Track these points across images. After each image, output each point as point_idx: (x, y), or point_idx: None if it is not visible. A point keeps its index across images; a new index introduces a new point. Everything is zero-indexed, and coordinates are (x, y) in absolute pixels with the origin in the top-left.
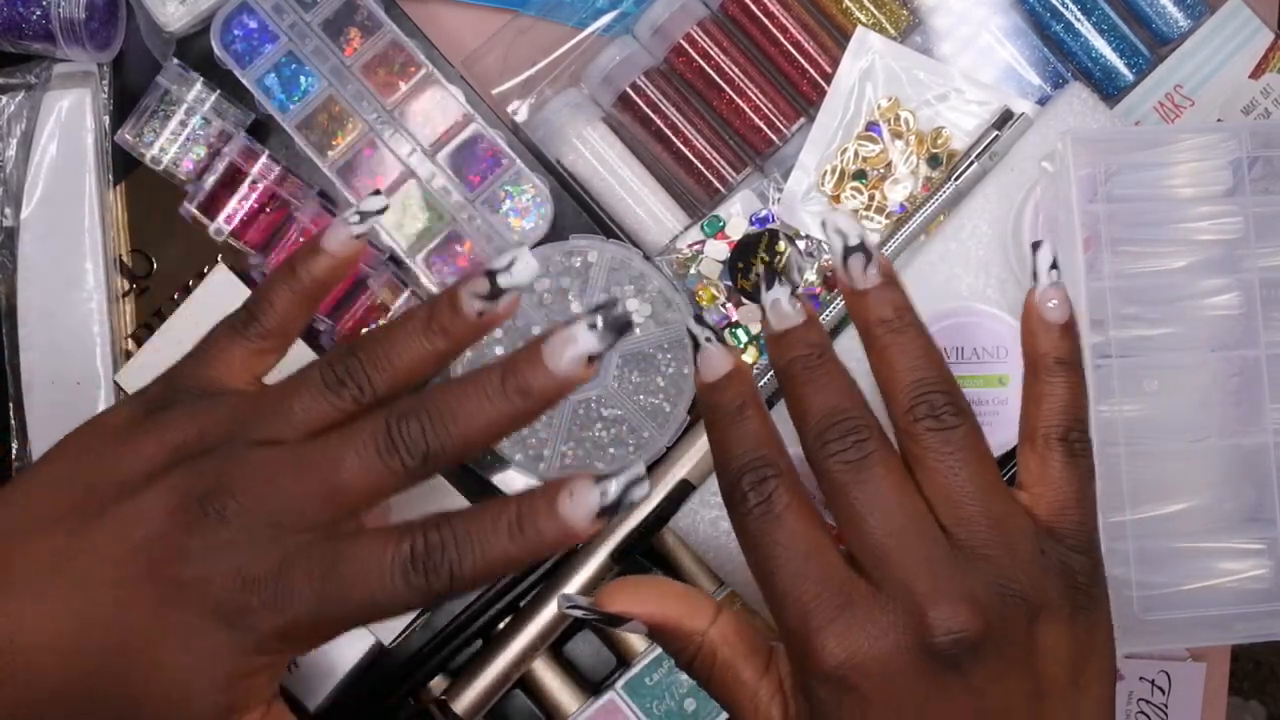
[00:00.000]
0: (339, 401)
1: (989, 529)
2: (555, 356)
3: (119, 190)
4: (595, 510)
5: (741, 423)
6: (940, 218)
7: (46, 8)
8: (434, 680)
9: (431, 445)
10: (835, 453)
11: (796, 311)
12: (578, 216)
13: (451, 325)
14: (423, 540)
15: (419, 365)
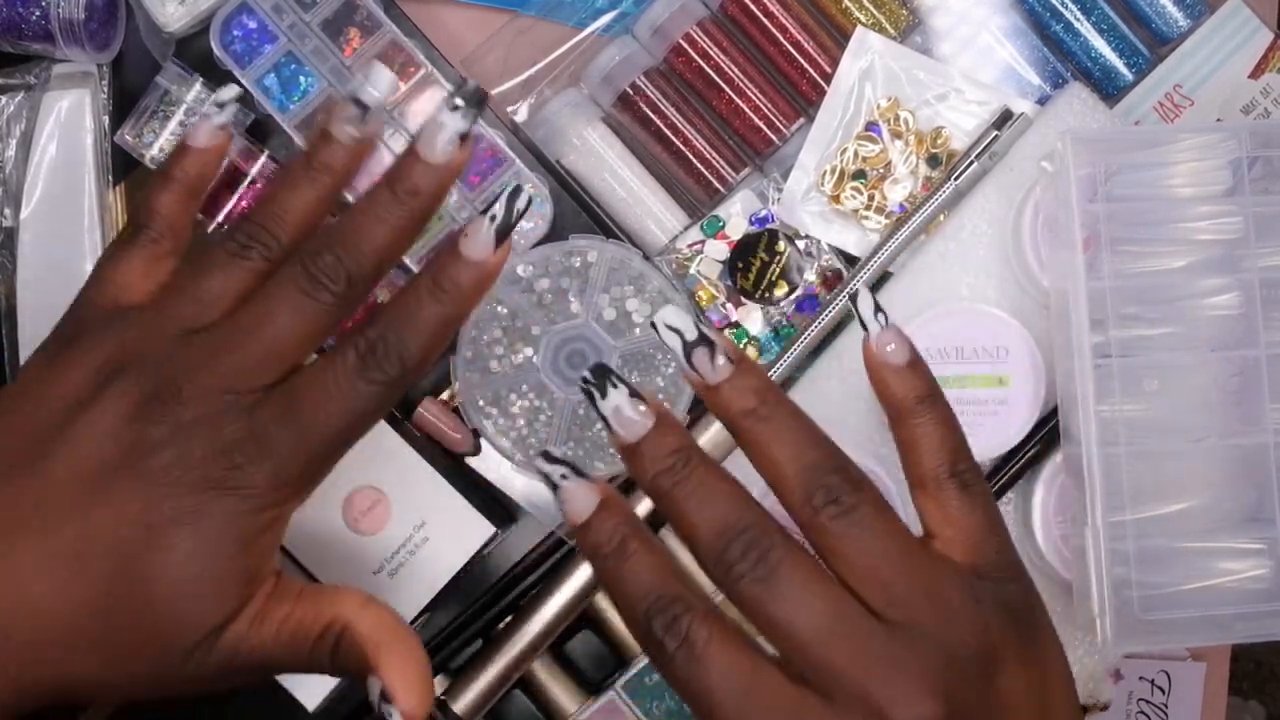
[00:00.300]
0: (249, 264)
1: (921, 598)
2: (428, 147)
3: (119, 190)
4: (492, 235)
5: (627, 560)
6: (940, 218)
7: (46, 8)
8: (434, 680)
9: (350, 267)
10: (742, 575)
11: (644, 416)
12: (577, 216)
13: (331, 158)
14: (363, 340)
15: (313, 208)
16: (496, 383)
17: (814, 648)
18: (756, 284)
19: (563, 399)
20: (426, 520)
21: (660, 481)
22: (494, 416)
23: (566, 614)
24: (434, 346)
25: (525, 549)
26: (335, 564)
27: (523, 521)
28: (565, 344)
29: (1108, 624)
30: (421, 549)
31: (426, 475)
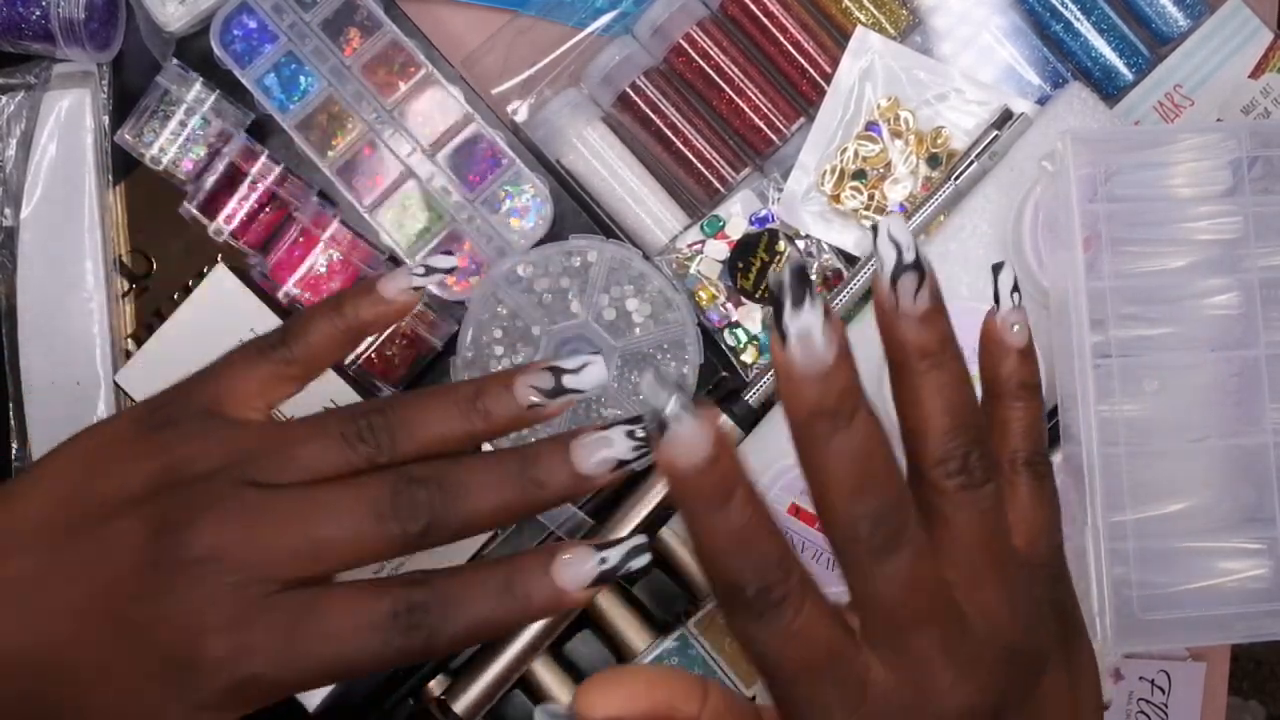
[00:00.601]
0: (353, 456)
1: (999, 592)
2: (583, 456)
3: (119, 190)
4: (591, 578)
5: (730, 514)
6: (940, 218)
7: (46, 8)
8: (434, 680)
9: (436, 516)
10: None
11: (829, 348)
12: (577, 216)
13: (496, 408)
14: (405, 599)
15: (449, 441)
16: None
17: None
18: (756, 284)
19: None
20: None
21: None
22: None
23: (567, 614)
24: (469, 641)
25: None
26: None
27: (522, 521)
28: (565, 344)
29: (1108, 624)
30: None
31: None
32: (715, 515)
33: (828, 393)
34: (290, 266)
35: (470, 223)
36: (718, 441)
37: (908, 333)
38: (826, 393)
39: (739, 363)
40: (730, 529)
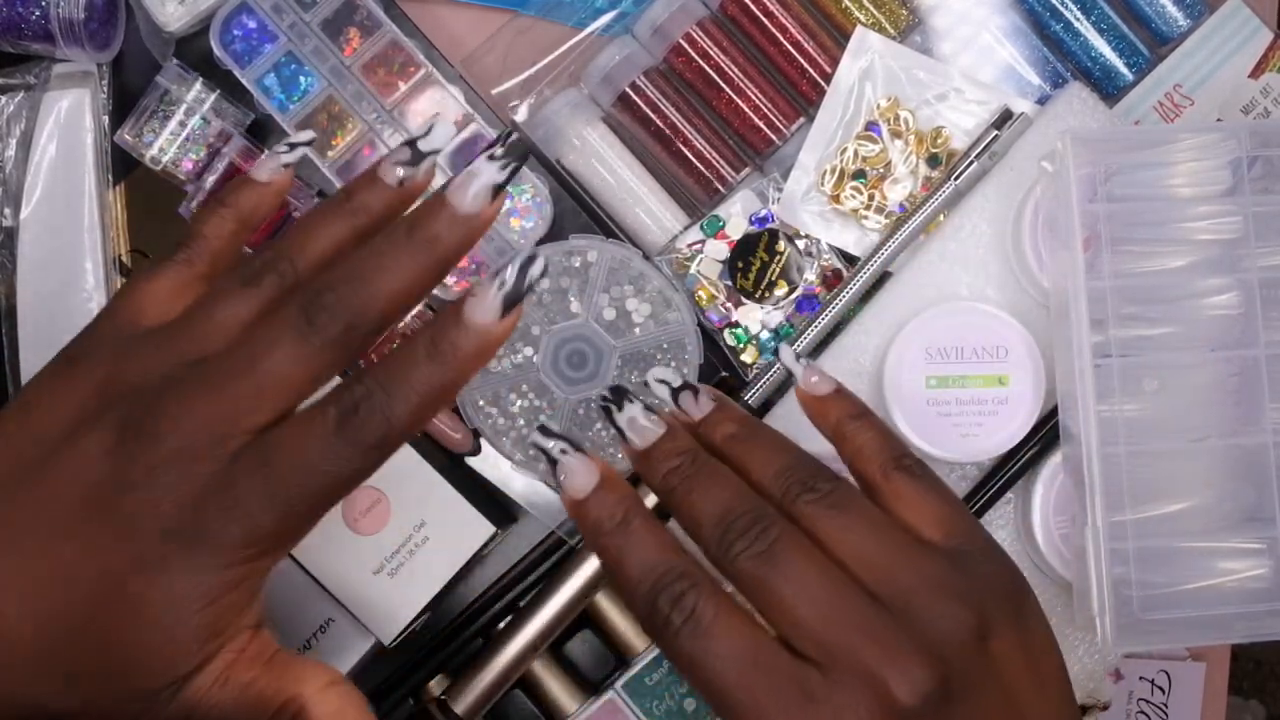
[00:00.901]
0: (261, 294)
1: (906, 572)
2: (459, 195)
3: (119, 190)
4: (499, 302)
5: (630, 535)
6: (940, 217)
7: (46, 8)
8: (434, 680)
9: (350, 311)
10: (741, 551)
11: (656, 424)
12: (577, 216)
13: (370, 198)
14: (349, 396)
15: (338, 246)
16: (496, 382)
17: (811, 620)
18: (756, 284)
19: (563, 399)
20: (426, 520)
21: (670, 479)
22: (494, 416)
23: (566, 614)
24: (424, 412)
25: (525, 549)
26: (335, 564)
27: (523, 521)
28: (565, 344)
29: (1108, 624)
30: (421, 549)
31: (426, 475)
32: (616, 539)
33: (668, 453)
34: None
35: None
36: (603, 473)
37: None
38: (667, 454)
39: (739, 362)
40: (633, 549)
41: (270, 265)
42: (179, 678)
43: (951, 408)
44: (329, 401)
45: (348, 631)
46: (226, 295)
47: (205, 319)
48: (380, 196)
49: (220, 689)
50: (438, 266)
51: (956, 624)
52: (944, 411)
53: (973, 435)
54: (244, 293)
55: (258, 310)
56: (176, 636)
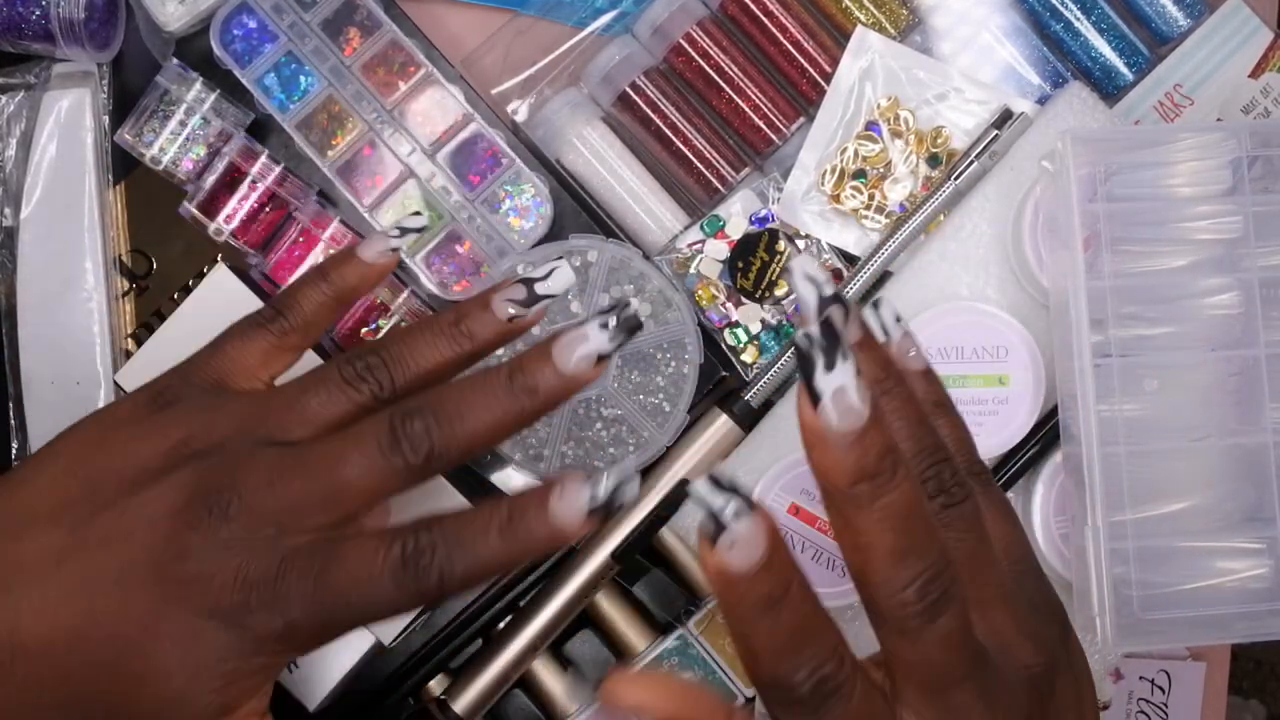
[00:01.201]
0: (357, 397)
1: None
2: (565, 355)
3: (119, 190)
4: (585, 510)
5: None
6: (940, 217)
7: (46, 8)
8: (434, 680)
9: (436, 443)
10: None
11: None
12: (577, 216)
13: (478, 328)
14: (413, 542)
15: (440, 366)
16: None
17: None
18: (756, 284)
19: None
20: None
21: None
22: None
23: (566, 614)
24: (479, 579)
25: None
26: None
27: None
28: None
29: (1108, 624)
30: None
31: None
32: (769, 618)
33: (867, 454)
34: (290, 266)
35: (470, 223)
36: (772, 541)
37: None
38: (866, 454)
39: (739, 362)
40: (785, 630)
41: (373, 371)
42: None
43: None
44: (395, 539)
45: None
46: (323, 387)
47: (296, 405)
48: (490, 328)
49: None
50: (528, 416)
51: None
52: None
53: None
54: (341, 390)
55: (348, 411)
56: (190, 706)
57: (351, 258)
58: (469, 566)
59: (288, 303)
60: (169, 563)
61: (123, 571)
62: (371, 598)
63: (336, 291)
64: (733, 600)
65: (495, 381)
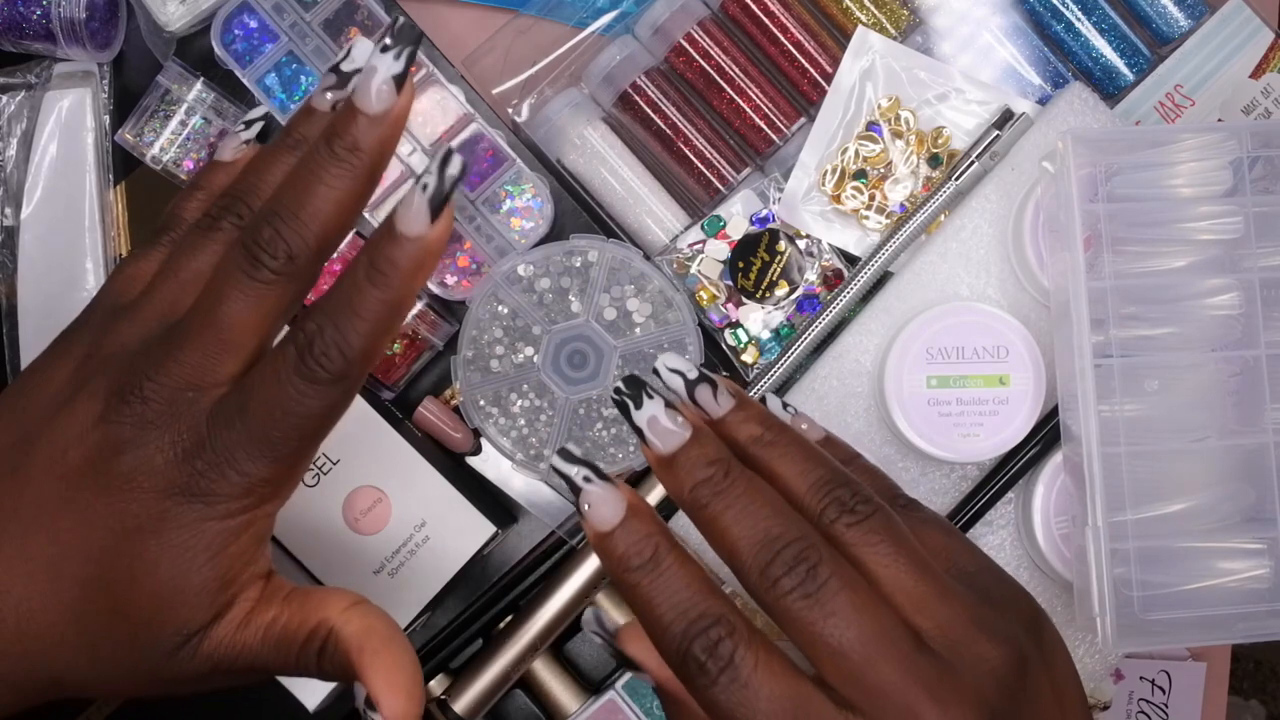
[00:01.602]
0: (221, 234)
1: (946, 608)
2: (365, 97)
3: (119, 190)
4: (425, 205)
5: (661, 575)
6: (940, 217)
7: (46, 8)
8: (434, 680)
9: (289, 240)
10: (789, 589)
11: (681, 426)
12: (578, 216)
13: (308, 129)
14: (301, 334)
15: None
16: (497, 382)
17: (862, 668)
18: (757, 284)
19: (563, 399)
20: (427, 520)
21: (699, 493)
22: (494, 416)
23: (566, 614)
24: (378, 335)
25: (525, 549)
26: (336, 564)
27: (523, 521)
28: (566, 344)
29: (1108, 624)
30: (422, 549)
31: (427, 475)
32: (644, 578)
33: (696, 463)
34: None
35: (470, 222)
36: (633, 503)
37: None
38: (695, 463)
39: (739, 363)
40: (664, 591)
41: (226, 209)
42: (195, 631)
43: (952, 408)
44: (285, 343)
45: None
46: (190, 246)
47: (172, 277)
48: (318, 124)
49: (242, 632)
50: (366, 174)
51: (998, 664)
52: (944, 411)
53: (973, 435)
54: (205, 239)
55: (219, 256)
56: (186, 591)
57: (213, 162)
58: (360, 328)
59: (167, 217)
60: (107, 463)
61: (71, 489)
62: (295, 409)
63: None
64: (610, 563)
65: (318, 156)
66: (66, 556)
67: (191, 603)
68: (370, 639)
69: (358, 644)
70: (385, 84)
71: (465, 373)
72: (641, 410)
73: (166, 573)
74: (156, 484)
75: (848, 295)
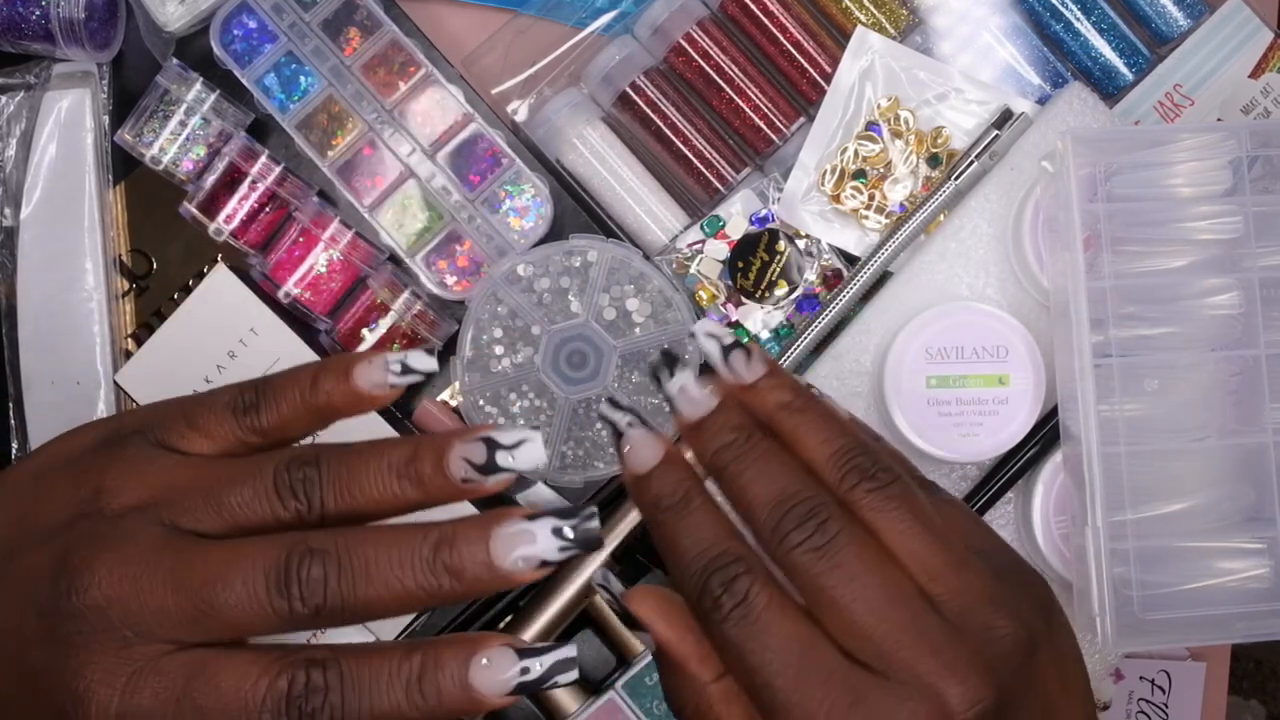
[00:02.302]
0: (281, 511)
1: (960, 580)
2: (503, 549)
3: (119, 190)
4: (510, 687)
5: (689, 515)
6: (940, 217)
7: (46, 8)
8: None
9: (329, 598)
10: (798, 543)
11: (709, 395)
12: (578, 216)
13: (430, 480)
14: (303, 679)
15: (380, 505)
16: (496, 382)
17: (869, 622)
18: (756, 284)
19: (563, 398)
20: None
21: (722, 455)
22: (494, 416)
23: (566, 614)
24: None
25: None
26: None
27: None
28: (565, 343)
29: (1108, 624)
30: None
31: None
32: (674, 518)
33: (721, 429)
34: (290, 266)
35: (470, 222)
36: (669, 451)
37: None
38: (720, 430)
39: None
40: (690, 530)
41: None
42: None
43: (952, 407)
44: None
45: (347, 631)
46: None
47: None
48: (438, 483)
49: None
50: (442, 598)
51: (1007, 638)
52: (944, 411)
53: (973, 435)
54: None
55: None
56: None
57: (347, 379)
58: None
59: (269, 398)
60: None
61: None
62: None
63: (319, 406)
64: (644, 503)
65: (416, 547)
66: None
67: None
68: None
69: None
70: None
71: (465, 373)
72: (674, 380)
73: None
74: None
75: (847, 295)
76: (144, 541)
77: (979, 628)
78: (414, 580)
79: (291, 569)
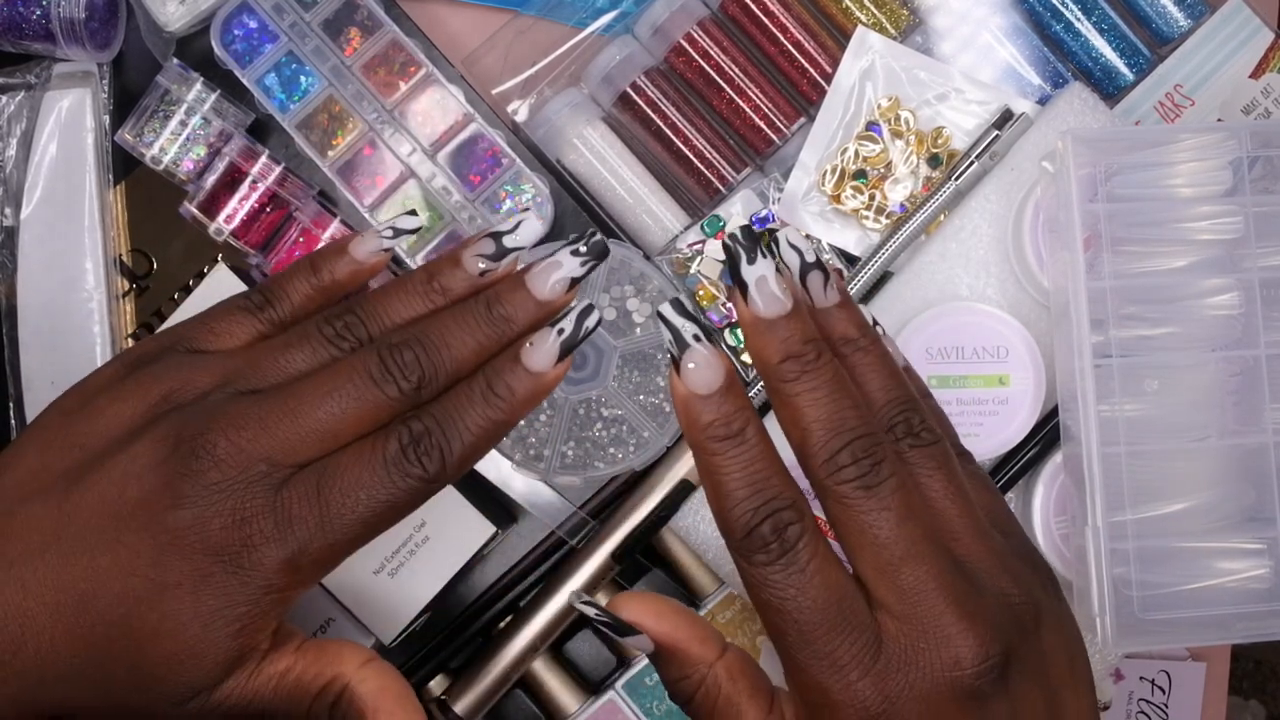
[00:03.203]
0: (337, 353)
1: (982, 545)
2: (540, 282)
3: (119, 190)
4: (556, 349)
5: (744, 450)
6: (940, 218)
7: (46, 7)
8: (434, 680)
9: (426, 369)
10: (852, 477)
11: (785, 295)
12: (578, 216)
13: (452, 283)
14: (408, 431)
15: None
16: None
17: (901, 570)
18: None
19: (563, 398)
20: (426, 520)
21: (788, 366)
22: None
23: (566, 614)
24: (478, 450)
25: (525, 549)
26: None
27: (523, 521)
28: None
29: (1108, 624)
30: (421, 549)
31: None
32: (728, 449)
33: (793, 335)
34: None
35: (470, 222)
36: (731, 374)
37: (831, 326)
38: (791, 335)
39: (740, 362)
40: (744, 465)
41: (352, 329)
42: (203, 690)
43: (952, 408)
44: (389, 435)
45: (348, 631)
46: (306, 344)
47: (280, 359)
48: (461, 282)
49: (253, 681)
50: (506, 342)
51: (1019, 604)
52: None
53: (973, 435)
54: (322, 346)
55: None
56: (207, 656)
57: (343, 253)
58: (465, 440)
59: (276, 292)
60: (162, 513)
61: (119, 528)
62: (378, 499)
63: (325, 285)
64: (697, 428)
65: (475, 312)
66: (98, 594)
67: (209, 667)
68: (384, 699)
69: (373, 704)
70: (561, 281)
71: None
72: (753, 267)
73: (192, 635)
74: (205, 544)
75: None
76: (239, 404)
77: (994, 590)
78: (484, 334)
79: (386, 361)
